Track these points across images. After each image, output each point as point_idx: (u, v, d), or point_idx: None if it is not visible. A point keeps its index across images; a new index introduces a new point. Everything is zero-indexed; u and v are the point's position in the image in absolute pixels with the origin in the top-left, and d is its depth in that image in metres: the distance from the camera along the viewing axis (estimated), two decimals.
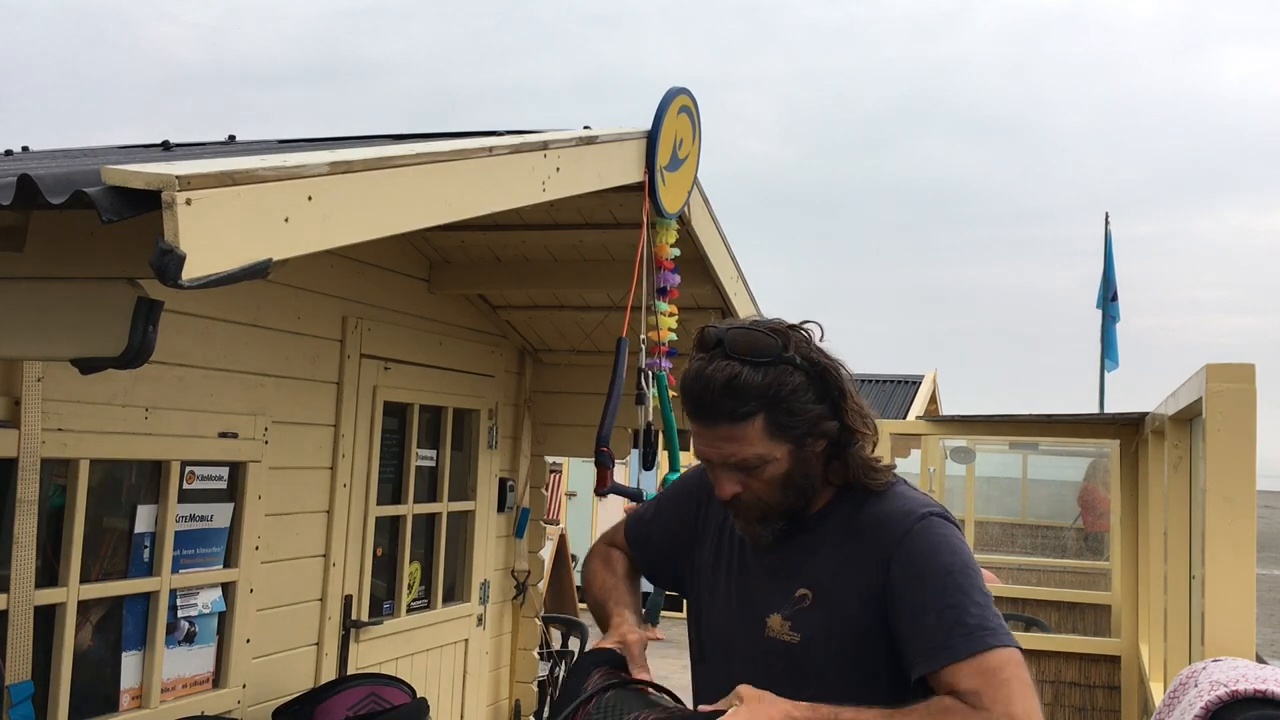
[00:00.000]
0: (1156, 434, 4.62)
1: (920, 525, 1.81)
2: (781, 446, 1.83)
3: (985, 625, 1.71)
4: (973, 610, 1.72)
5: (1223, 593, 2.60)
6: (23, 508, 2.98)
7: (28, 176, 1.67)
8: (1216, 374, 2.66)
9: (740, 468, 1.85)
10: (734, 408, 1.80)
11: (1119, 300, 12.19)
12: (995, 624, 1.72)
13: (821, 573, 1.88)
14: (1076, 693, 5.84)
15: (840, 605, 1.84)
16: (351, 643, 4.37)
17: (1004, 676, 1.66)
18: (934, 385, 16.23)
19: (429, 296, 4.85)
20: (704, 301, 4.66)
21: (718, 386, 1.80)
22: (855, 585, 1.83)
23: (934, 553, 1.78)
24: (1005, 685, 1.65)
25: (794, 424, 1.82)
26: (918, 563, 1.78)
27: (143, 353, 1.76)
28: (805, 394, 1.82)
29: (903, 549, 1.79)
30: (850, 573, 1.85)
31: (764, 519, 1.90)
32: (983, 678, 1.66)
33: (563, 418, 5.67)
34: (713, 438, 1.85)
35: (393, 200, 2.22)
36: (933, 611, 1.73)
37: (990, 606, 1.74)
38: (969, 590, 1.75)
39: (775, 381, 1.80)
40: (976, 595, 1.74)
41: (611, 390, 3.34)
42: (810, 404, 1.83)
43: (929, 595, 1.75)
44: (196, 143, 4.39)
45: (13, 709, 2.93)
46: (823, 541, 1.90)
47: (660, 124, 3.57)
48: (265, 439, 3.87)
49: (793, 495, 1.88)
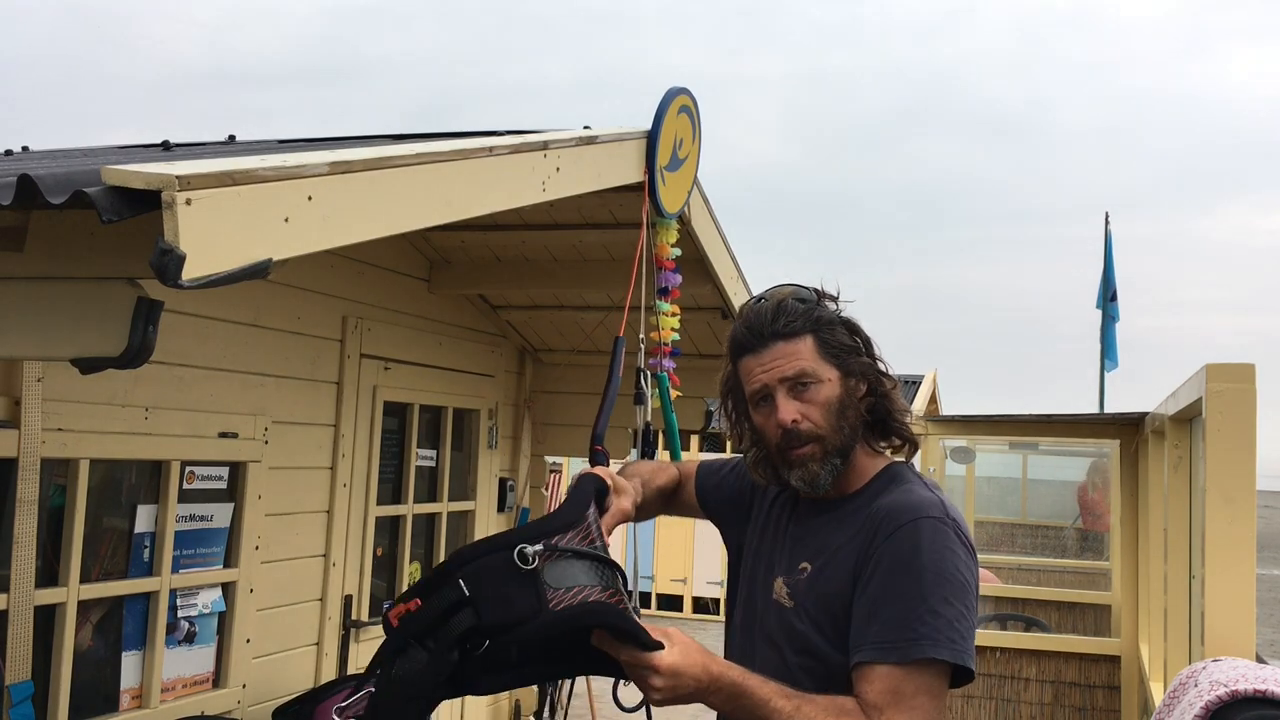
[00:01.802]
0: (1156, 434, 4.62)
1: (915, 524, 1.84)
2: (831, 369, 1.95)
3: (931, 637, 1.74)
4: (927, 618, 1.75)
5: (1223, 593, 2.60)
6: (23, 508, 2.98)
7: (28, 176, 1.67)
8: (1216, 374, 2.66)
9: (799, 383, 1.94)
10: (786, 324, 1.96)
11: (1119, 300, 12.20)
12: (946, 636, 1.74)
13: (827, 549, 1.95)
14: (1076, 693, 5.84)
15: (828, 581, 1.91)
16: (351, 643, 4.37)
17: (913, 704, 1.71)
18: (934, 385, 16.23)
19: (429, 296, 4.85)
20: (704, 301, 4.66)
21: (769, 310, 1.98)
22: (846, 566, 1.89)
23: (915, 553, 1.81)
24: (909, 713, 1.71)
25: (839, 349, 1.96)
26: (895, 557, 1.82)
27: (143, 353, 1.75)
28: (842, 330, 1.98)
29: (890, 542, 1.84)
30: (846, 554, 1.91)
31: (823, 457, 1.94)
32: (893, 696, 1.71)
33: (563, 418, 5.67)
34: (770, 359, 1.96)
35: (393, 200, 2.22)
36: (893, 607, 1.78)
37: (952, 620, 1.75)
38: (934, 597, 1.77)
39: (819, 310, 1.98)
40: (942, 605, 1.76)
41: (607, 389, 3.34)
42: (848, 339, 1.98)
43: (895, 591, 1.79)
44: (196, 143, 4.39)
45: (13, 709, 2.93)
46: (843, 521, 1.96)
47: (660, 124, 3.57)
48: (265, 439, 3.87)
49: (845, 429, 1.95)
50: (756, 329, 1.98)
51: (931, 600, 1.76)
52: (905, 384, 15.77)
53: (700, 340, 5.07)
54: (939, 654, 1.73)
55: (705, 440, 13.69)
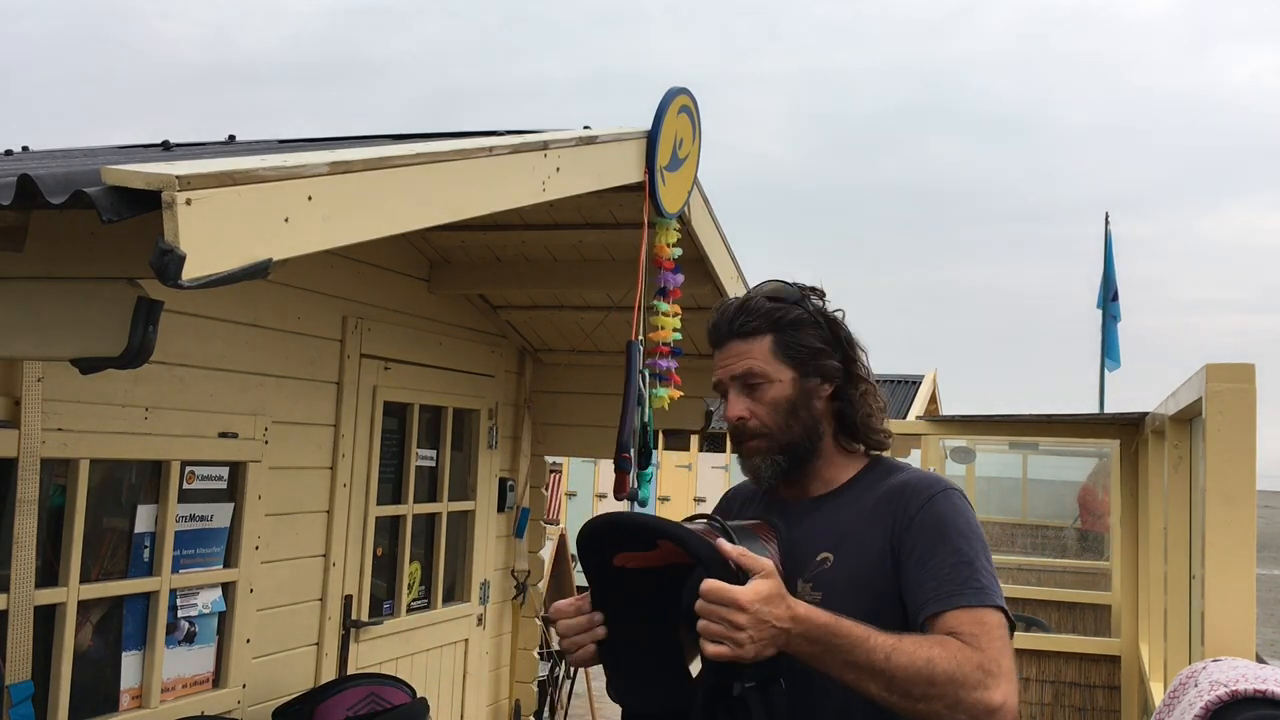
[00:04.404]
0: (1156, 434, 4.62)
1: (944, 494, 1.93)
2: (786, 371, 1.97)
3: (990, 589, 1.86)
4: (983, 573, 1.87)
5: (1223, 593, 2.61)
6: (23, 508, 2.98)
7: (28, 176, 1.67)
8: (1216, 374, 2.66)
9: (746, 384, 1.97)
10: (743, 324, 1.99)
11: (1119, 300, 12.19)
12: (997, 590, 1.87)
13: (842, 534, 1.97)
14: (1076, 693, 5.84)
15: (857, 559, 1.94)
16: (351, 643, 4.37)
17: (998, 634, 1.81)
18: (934, 385, 16.24)
19: (429, 296, 4.85)
20: (704, 301, 4.66)
21: (731, 309, 2.01)
22: (875, 543, 1.93)
23: (956, 516, 1.91)
24: (999, 640, 1.80)
25: (799, 351, 1.97)
26: (940, 522, 1.90)
27: (143, 353, 1.75)
28: (812, 329, 1.99)
29: (926, 511, 1.91)
30: (872, 532, 1.94)
31: (766, 453, 1.98)
32: (982, 627, 1.80)
33: (563, 418, 5.67)
34: (725, 357, 2.01)
35: (393, 200, 2.22)
36: (949, 564, 1.86)
37: (995, 577, 1.89)
38: (981, 556, 1.89)
39: (784, 311, 1.98)
40: (986, 562, 1.89)
41: (627, 395, 3.33)
42: (816, 341, 1.98)
43: (947, 550, 1.87)
44: (196, 143, 4.39)
45: (13, 709, 2.93)
46: (847, 507, 2.00)
47: (660, 124, 3.57)
48: (265, 439, 3.88)
49: (796, 428, 1.98)
50: (718, 326, 2.04)
51: (981, 560, 1.88)
52: (905, 384, 15.77)
53: (700, 340, 5.07)
54: (999, 602, 1.85)
55: (705, 440, 13.68)
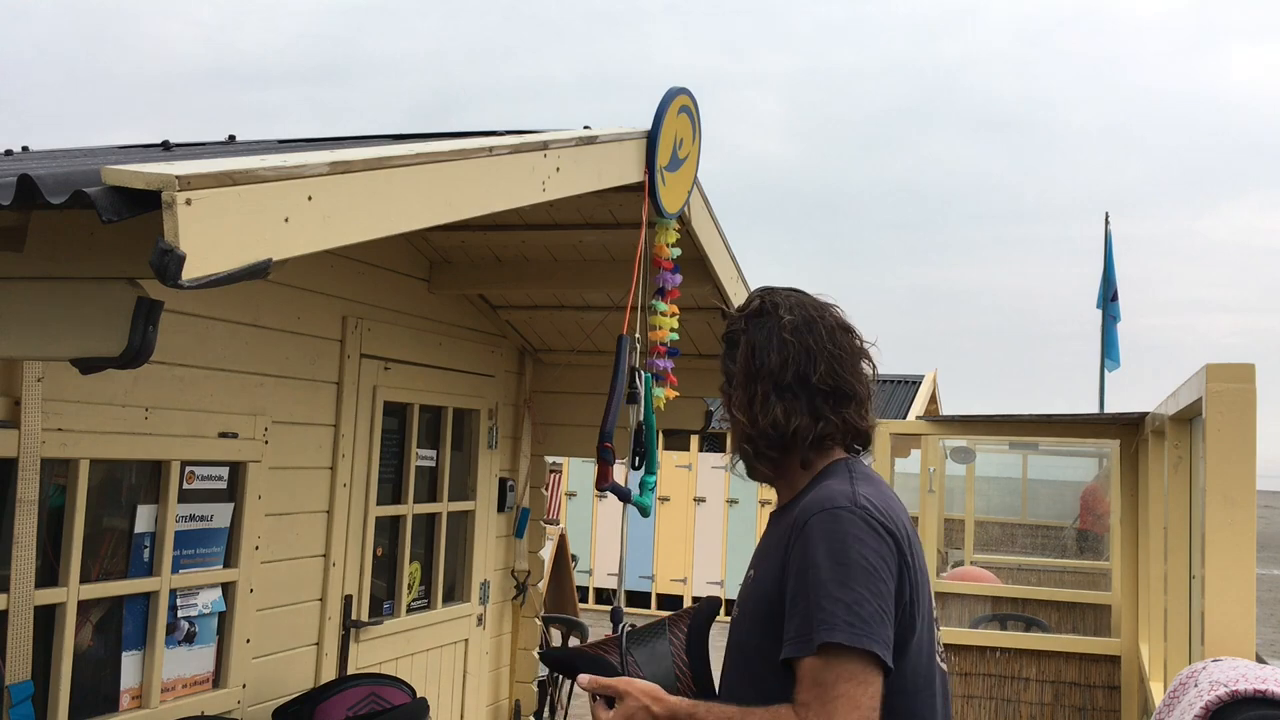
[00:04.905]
0: (1156, 434, 4.62)
1: (818, 518, 1.86)
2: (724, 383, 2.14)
3: (833, 624, 1.75)
4: (825, 605, 1.77)
5: (1223, 593, 2.61)
6: (23, 508, 2.98)
7: (28, 176, 1.67)
8: (1216, 374, 2.66)
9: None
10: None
11: (1119, 300, 12.19)
12: (838, 620, 1.75)
13: (765, 551, 2.03)
14: (1076, 693, 5.84)
15: (765, 581, 1.96)
16: (351, 643, 4.37)
17: (834, 693, 1.73)
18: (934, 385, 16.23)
19: (429, 296, 4.85)
20: (704, 301, 4.66)
21: None
22: (775, 567, 1.94)
23: (816, 544, 1.83)
24: (825, 693, 1.74)
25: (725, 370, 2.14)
26: (804, 551, 1.85)
27: (143, 353, 1.76)
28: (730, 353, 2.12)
29: (800, 537, 1.87)
30: (777, 554, 1.95)
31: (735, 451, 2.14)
32: (817, 690, 1.75)
33: (563, 418, 5.67)
34: None
35: (393, 200, 2.22)
36: (801, 599, 1.81)
37: (850, 604, 1.77)
38: (830, 584, 1.78)
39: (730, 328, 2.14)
40: (835, 589, 1.78)
41: (613, 387, 3.35)
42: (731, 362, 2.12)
43: (802, 583, 1.82)
44: (196, 143, 4.39)
45: (13, 709, 2.93)
46: (778, 522, 2.05)
47: (660, 124, 3.57)
48: (265, 439, 3.88)
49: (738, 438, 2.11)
50: None
51: (830, 586, 1.78)
52: (905, 384, 15.76)
53: (700, 340, 5.07)
54: (834, 637, 1.74)
55: (705, 440, 13.68)
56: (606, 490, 3.33)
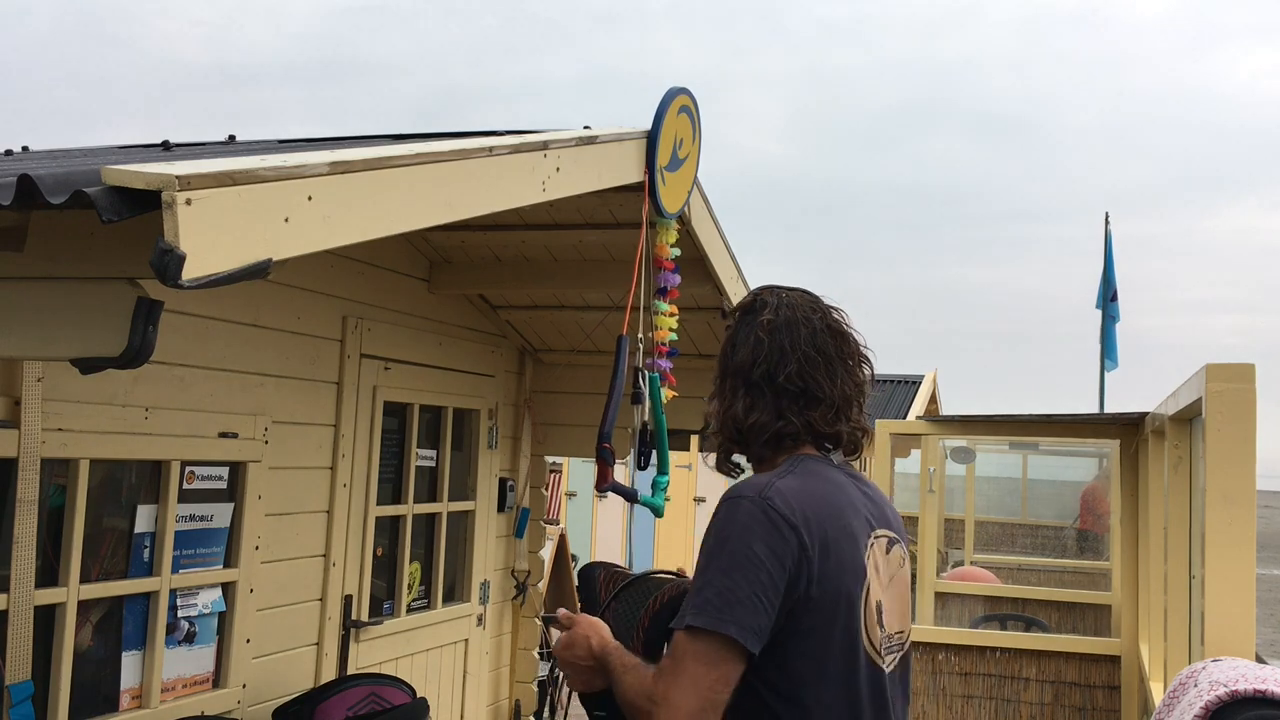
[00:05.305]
0: (1156, 434, 4.62)
1: (721, 504, 1.95)
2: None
3: (692, 605, 1.85)
4: (698, 585, 1.86)
5: (1223, 593, 2.61)
6: (23, 508, 2.98)
7: (28, 176, 1.67)
8: (1216, 374, 2.66)
9: None
10: None
11: (1119, 300, 12.19)
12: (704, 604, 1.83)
13: None
14: (1076, 693, 5.83)
15: None
16: (351, 643, 4.37)
17: (682, 667, 1.82)
18: (934, 385, 16.22)
19: (429, 296, 4.85)
20: (704, 301, 4.66)
21: None
22: None
23: (710, 529, 1.92)
24: (676, 666, 1.83)
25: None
26: (706, 535, 1.94)
27: (143, 353, 1.75)
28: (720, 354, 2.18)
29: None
30: None
31: None
32: (672, 662, 1.84)
33: (563, 418, 5.67)
34: None
35: (393, 200, 2.22)
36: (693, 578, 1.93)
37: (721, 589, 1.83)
38: (705, 567, 1.88)
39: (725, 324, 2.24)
40: (711, 574, 1.85)
41: (612, 387, 3.35)
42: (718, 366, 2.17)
43: (697, 563, 1.94)
44: (196, 143, 4.39)
45: (13, 709, 2.93)
46: None
47: (660, 124, 3.57)
48: (265, 439, 3.88)
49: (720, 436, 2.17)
50: None
51: (708, 571, 1.86)
52: (905, 384, 15.76)
53: (700, 340, 5.07)
54: (696, 620, 1.82)
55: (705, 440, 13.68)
56: (607, 491, 3.33)
